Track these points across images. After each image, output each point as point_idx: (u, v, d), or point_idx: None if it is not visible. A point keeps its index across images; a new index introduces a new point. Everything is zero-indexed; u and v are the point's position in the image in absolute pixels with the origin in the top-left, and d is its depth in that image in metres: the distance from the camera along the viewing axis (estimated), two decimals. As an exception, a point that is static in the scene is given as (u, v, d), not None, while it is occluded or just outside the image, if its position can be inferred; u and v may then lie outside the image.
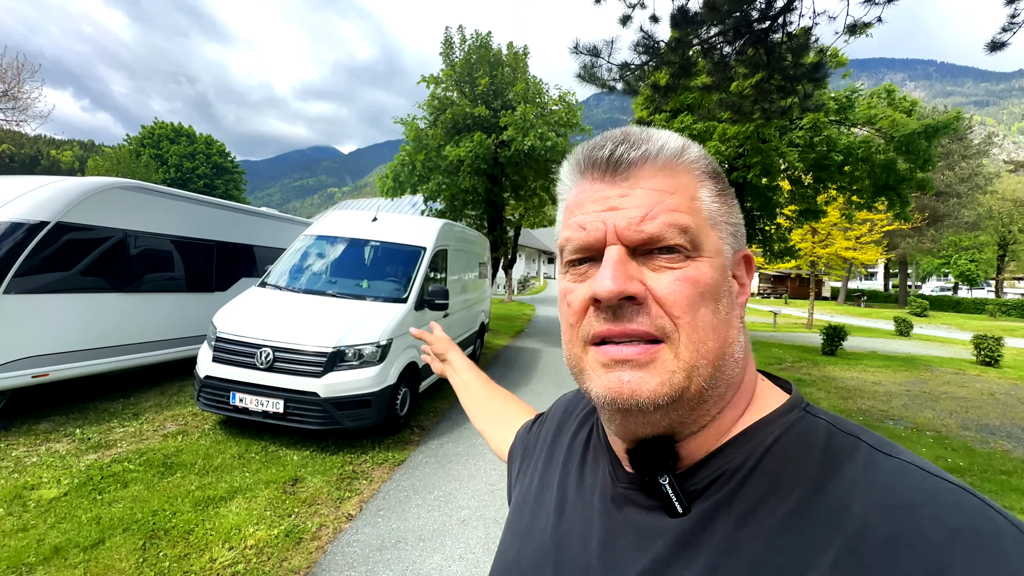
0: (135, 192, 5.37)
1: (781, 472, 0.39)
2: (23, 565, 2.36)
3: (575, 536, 0.48)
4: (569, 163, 0.46)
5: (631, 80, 5.70)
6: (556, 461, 0.59)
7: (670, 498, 0.42)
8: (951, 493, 0.34)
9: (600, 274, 0.40)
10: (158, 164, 39.36)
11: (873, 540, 0.32)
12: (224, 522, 2.85)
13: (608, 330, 0.40)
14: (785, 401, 0.46)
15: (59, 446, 3.84)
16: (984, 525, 0.32)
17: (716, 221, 0.43)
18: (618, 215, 0.41)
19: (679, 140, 0.44)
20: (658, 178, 0.41)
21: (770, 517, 0.37)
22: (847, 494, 0.36)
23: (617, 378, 0.39)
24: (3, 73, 14.57)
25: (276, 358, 4.00)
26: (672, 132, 0.45)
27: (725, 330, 0.41)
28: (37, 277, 4.31)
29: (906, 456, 0.38)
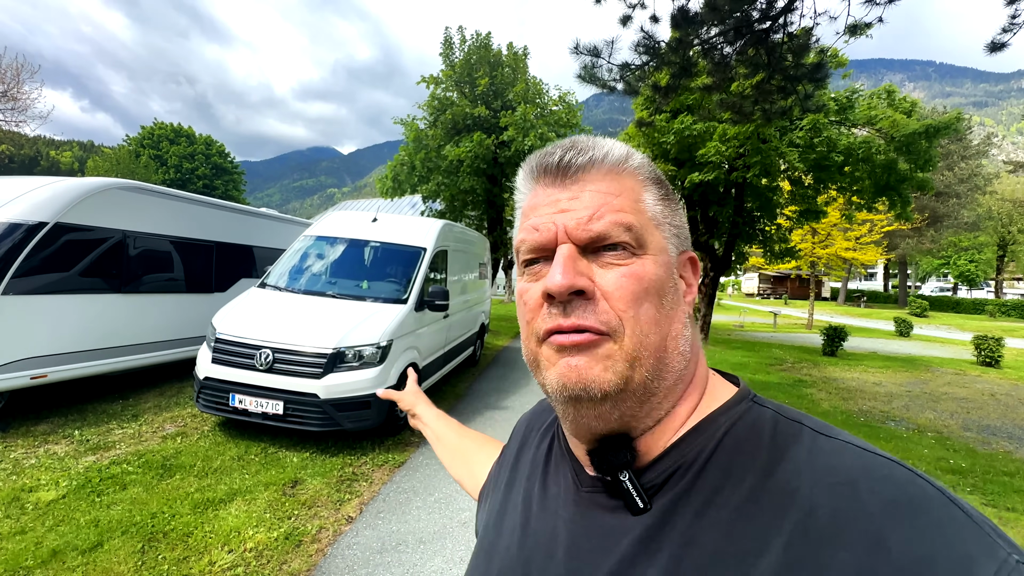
0: (134, 193, 5.35)
1: (733, 461, 0.41)
2: (21, 568, 2.34)
3: (541, 548, 0.48)
4: (523, 170, 0.49)
5: (631, 80, 5.69)
6: (520, 479, 0.59)
7: (631, 494, 0.43)
8: (884, 467, 0.37)
9: (552, 270, 0.42)
10: (158, 165, 39.33)
11: (820, 518, 0.35)
12: (223, 524, 2.83)
13: (558, 324, 0.42)
14: (734, 393, 0.48)
15: (58, 448, 3.82)
16: (914, 493, 0.35)
17: (660, 222, 0.46)
18: (568, 216, 0.44)
19: (624, 148, 0.48)
20: (604, 182, 0.45)
21: (726, 506, 0.39)
22: (794, 477, 0.38)
23: (566, 363, 0.42)
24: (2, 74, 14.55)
25: (276, 359, 3.98)
26: (617, 141, 0.49)
27: (668, 325, 0.44)
28: (36, 278, 4.30)
29: (844, 436, 0.41)
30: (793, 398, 6.59)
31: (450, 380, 6.55)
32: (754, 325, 18.90)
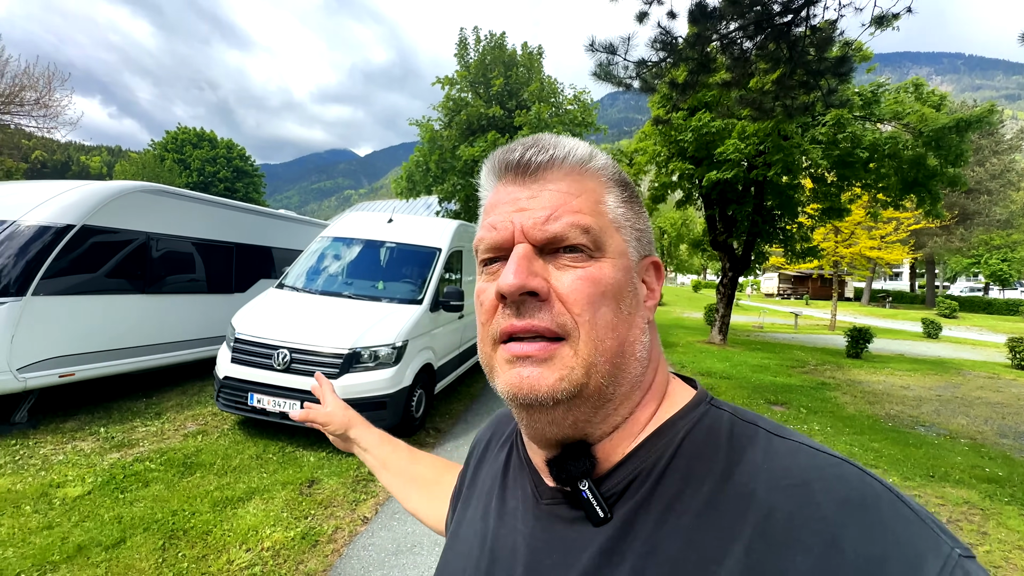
0: (157, 195, 5.48)
1: (692, 466, 0.41)
2: (47, 563, 2.40)
3: (500, 566, 0.47)
4: (486, 167, 0.48)
5: (648, 78, 5.60)
6: (477, 495, 0.58)
7: (591, 504, 0.42)
8: (835, 467, 0.38)
9: (505, 270, 0.41)
10: (181, 168, 40.38)
11: (778, 521, 0.35)
12: (242, 523, 2.86)
13: (511, 325, 0.41)
14: (692, 397, 0.47)
15: (84, 444, 3.92)
16: (865, 492, 0.36)
17: (621, 225, 0.45)
18: (526, 215, 0.43)
19: (587, 148, 0.47)
20: (565, 182, 0.44)
21: (686, 512, 0.38)
22: (752, 479, 0.38)
23: (517, 374, 0.41)
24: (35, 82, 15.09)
25: (293, 359, 4.02)
26: (581, 141, 0.47)
27: (626, 330, 0.43)
28: (64, 279, 4.42)
29: (797, 437, 0.42)
30: (816, 401, 6.41)
31: (465, 381, 6.55)
32: (774, 326, 18.50)
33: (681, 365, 8.58)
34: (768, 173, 8.32)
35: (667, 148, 10.01)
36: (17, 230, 4.28)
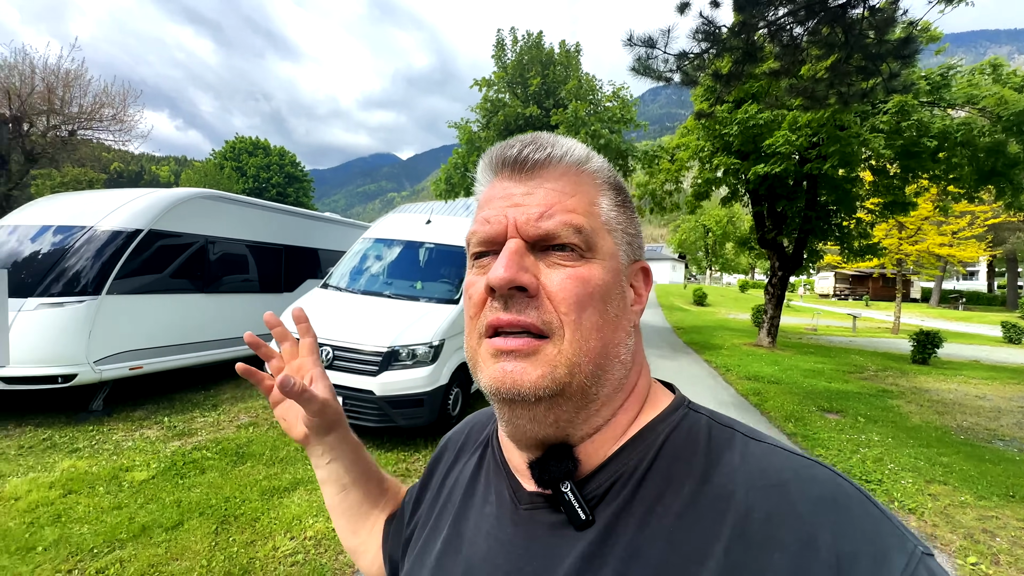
0: (215, 201, 5.85)
1: (672, 468, 0.41)
2: (116, 540, 2.61)
3: (477, 572, 0.46)
4: (483, 162, 0.48)
5: (689, 70, 5.42)
6: (450, 501, 0.55)
7: (573, 507, 0.42)
8: (809, 467, 0.39)
9: (496, 263, 0.42)
10: (239, 176, 42.94)
11: (756, 521, 0.36)
12: (287, 512, 3.00)
13: (498, 319, 0.41)
14: (671, 401, 0.48)
15: (150, 432, 4.24)
16: (837, 492, 0.37)
17: (613, 228, 0.45)
18: (519, 211, 0.43)
19: (584, 149, 0.47)
20: (561, 181, 0.44)
21: (667, 515, 0.39)
22: (729, 480, 0.39)
23: (501, 368, 0.41)
24: (112, 99, 16.46)
25: (336, 356, 4.17)
26: (579, 142, 0.48)
27: (611, 332, 0.43)
28: (133, 279, 4.80)
29: (771, 440, 0.43)
30: (876, 410, 5.97)
31: (501, 380, 6.57)
32: (829, 328, 17.41)
33: (726, 368, 8.24)
34: (823, 166, 7.82)
35: (711, 143, 9.64)
36: (94, 235, 4.70)
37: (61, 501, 2.99)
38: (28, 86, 13.96)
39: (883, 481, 3.87)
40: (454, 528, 0.52)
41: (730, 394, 6.66)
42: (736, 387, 7.02)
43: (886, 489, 3.75)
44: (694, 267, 52.76)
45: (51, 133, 15.03)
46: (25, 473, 3.34)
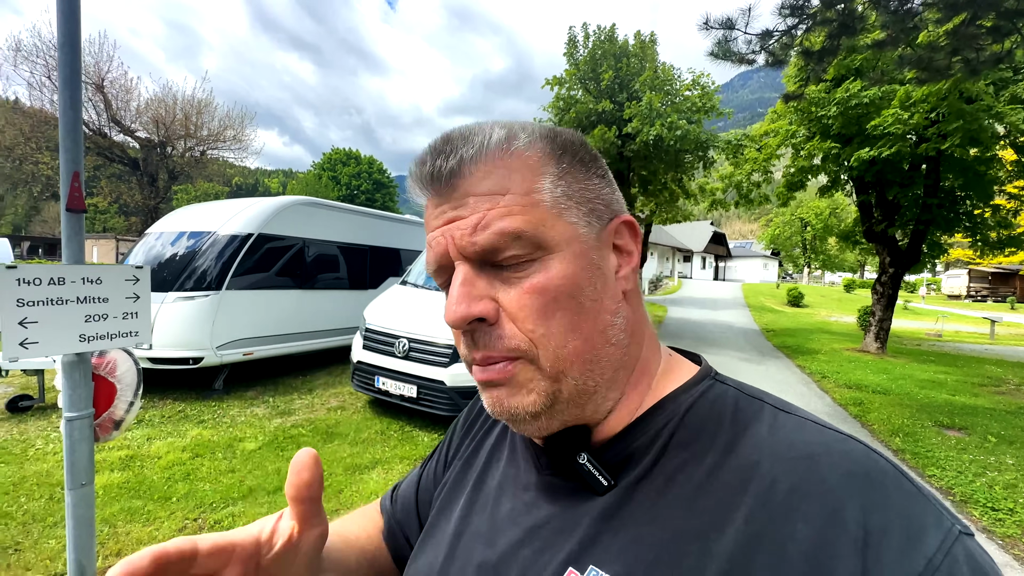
0: (311, 207, 6.52)
1: (696, 439, 0.40)
2: (230, 498, 3.05)
3: (501, 531, 0.46)
4: (409, 182, 0.44)
5: (775, 49, 5.02)
6: (476, 464, 0.56)
7: (593, 474, 0.42)
8: (842, 443, 0.37)
9: (448, 299, 0.40)
10: (334, 184, 47.04)
11: (780, 492, 0.35)
12: (366, 487, 3.30)
13: (473, 356, 0.41)
14: (696, 372, 0.46)
15: (258, 410, 4.86)
16: (871, 467, 0.35)
17: (564, 207, 0.40)
18: (455, 227, 0.40)
19: (503, 130, 0.41)
20: (487, 180, 0.39)
21: (688, 483, 0.38)
22: (755, 452, 0.38)
23: (491, 396, 0.41)
24: (233, 122, 18.91)
25: (411, 348, 4.47)
26: (496, 123, 0.42)
27: (592, 322, 0.40)
28: (246, 277, 5.53)
29: (803, 413, 0.41)
30: (1014, 429, 5.07)
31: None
32: (958, 334, 14.99)
33: (821, 375, 7.47)
34: (942, 145, 6.78)
35: (805, 127, 8.78)
36: (216, 238, 5.48)
37: (190, 462, 3.55)
38: (171, 115, 16.51)
39: (1015, 511, 3.31)
40: (477, 487, 0.52)
41: (825, 403, 6.05)
42: (833, 395, 6.35)
43: (1018, 520, 3.20)
44: (790, 265, 48.11)
45: (187, 154, 17.64)
46: (165, 438, 4.01)
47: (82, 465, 2.05)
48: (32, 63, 13.59)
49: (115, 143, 15.89)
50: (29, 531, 2.58)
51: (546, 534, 0.43)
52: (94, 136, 14.93)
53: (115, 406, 2.28)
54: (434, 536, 0.52)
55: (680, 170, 10.89)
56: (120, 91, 15.24)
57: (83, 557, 2.11)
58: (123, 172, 17.55)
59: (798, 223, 39.36)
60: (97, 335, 2.03)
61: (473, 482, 0.53)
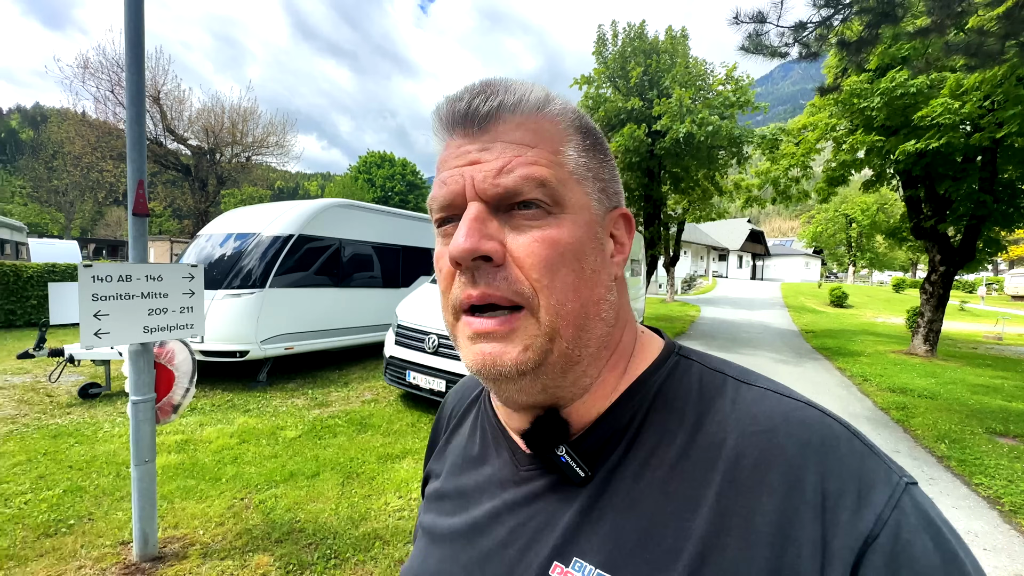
0: (347, 208, 6.81)
1: (666, 419, 0.42)
2: (272, 481, 3.28)
3: (483, 531, 0.46)
4: (434, 120, 0.44)
5: (809, 42, 4.88)
6: (454, 463, 0.56)
7: (571, 466, 0.42)
8: (799, 411, 0.39)
9: (456, 233, 0.39)
10: (369, 186, 48.37)
11: (745, 467, 0.37)
12: (397, 475, 3.46)
13: (468, 295, 0.40)
14: (661, 350, 0.47)
15: (298, 401, 5.15)
16: (825, 433, 0.37)
17: (583, 176, 0.42)
18: (476, 169, 0.40)
19: (542, 91, 0.42)
20: (519, 131, 0.40)
21: (661, 466, 0.39)
22: (721, 428, 0.39)
23: (480, 350, 0.40)
24: (276, 128, 19.80)
25: (440, 344, 4.63)
26: (538, 84, 0.43)
27: (589, 290, 0.41)
28: (287, 276, 5.85)
29: (763, 383, 0.42)
30: (1077, 438, 4.73)
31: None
32: (1022, 337, 13.94)
33: (863, 378, 7.17)
34: (996, 134, 6.37)
35: (847, 119, 8.42)
36: (260, 239, 5.82)
37: (237, 447, 3.82)
38: (219, 123, 17.46)
39: (1070, 522, 3.12)
40: (457, 490, 0.52)
41: (865, 407, 5.82)
42: (874, 399, 6.10)
43: (1073, 532, 3.02)
44: (833, 263, 45.85)
45: (234, 160, 18.61)
46: (215, 424, 4.32)
47: (145, 444, 2.29)
48: (98, 79, 14.70)
49: (169, 151, 16.97)
50: (100, 503, 2.87)
51: (529, 531, 0.43)
52: (151, 145, 16.01)
53: (173, 392, 2.51)
54: (420, 541, 0.53)
55: (713, 167, 10.64)
56: (174, 102, 16.26)
57: (147, 527, 2.34)
58: (176, 178, 18.71)
59: (842, 220, 37.46)
60: (158, 327, 2.26)
61: (453, 484, 0.53)
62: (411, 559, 0.52)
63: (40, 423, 4.15)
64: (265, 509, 2.90)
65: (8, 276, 8.99)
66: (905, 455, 4.27)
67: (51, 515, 2.71)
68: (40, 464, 3.36)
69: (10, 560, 2.31)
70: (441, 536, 0.50)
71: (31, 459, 3.43)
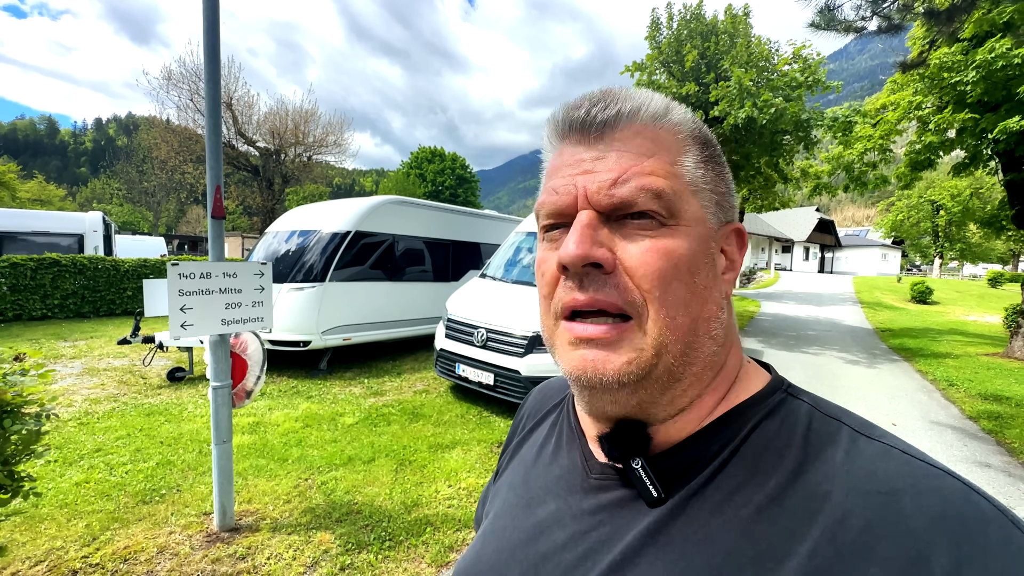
0: (399, 205, 7.05)
1: (760, 458, 0.38)
2: (332, 464, 3.50)
3: (546, 536, 0.45)
4: (548, 126, 0.44)
5: (891, 13, 4.44)
6: (526, 458, 0.56)
7: (644, 482, 0.40)
8: (935, 478, 0.33)
9: (567, 239, 0.38)
10: (420, 181, 49.66)
11: (852, 528, 0.31)
12: (447, 465, 3.58)
13: (574, 300, 0.39)
14: (767, 384, 0.43)
15: (356, 390, 5.43)
16: (968, 510, 0.31)
17: (699, 188, 0.41)
18: (590, 178, 0.39)
19: (663, 101, 0.41)
20: (636, 140, 0.39)
21: (747, 505, 0.36)
22: (827, 480, 0.34)
23: (582, 356, 0.39)
24: (334, 128, 20.76)
25: (489, 338, 4.71)
26: (657, 93, 0.42)
27: (700, 306, 0.39)
28: (345, 270, 6.16)
29: (889, 440, 0.37)
30: None
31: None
32: None
33: (948, 382, 6.51)
34: None
35: (935, 96, 7.60)
36: (320, 236, 6.16)
37: (302, 431, 4.10)
38: (284, 126, 18.56)
39: None
40: (525, 485, 0.52)
41: (950, 414, 5.29)
42: (961, 406, 5.53)
43: None
44: (916, 255, 41.69)
45: (297, 159, 19.73)
46: (282, 409, 4.66)
47: (224, 425, 2.51)
48: (179, 88, 16.08)
49: (240, 153, 18.28)
50: (186, 476, 3.19)
51: (590, 541, 0.41)
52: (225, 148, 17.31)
53: (246, 379, 2.73)
54: (483, 533, 0.53)
55: (776, 153, 9.95)
56: (244, 107, 17.47)
57: (225, 500, 2.58)
58: (247, 178, 20.14)
59: (928, 207, 33.90)
60: (234, 320, 2.46)
61: (522, 478, 0.53)
62: (470, 548, 0.52)
63: (136, 402, 4.66)
64: (326, 490, 3.10)
65: (108, 271, 10.11)
66: (998, 470, 3.86)
67: (147, 484, 3.05)
68: (137, 438, 3.78)
69: (116, 522, 2.63)
70: (503, 529, 0.49)
71: (130, 434, 3.86)
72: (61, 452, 3.48)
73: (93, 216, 11.84)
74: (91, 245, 11.38)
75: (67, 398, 4.68)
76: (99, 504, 2.80)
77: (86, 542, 2.44)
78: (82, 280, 9.65)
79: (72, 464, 3.31)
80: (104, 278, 10.03)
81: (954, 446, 4.34)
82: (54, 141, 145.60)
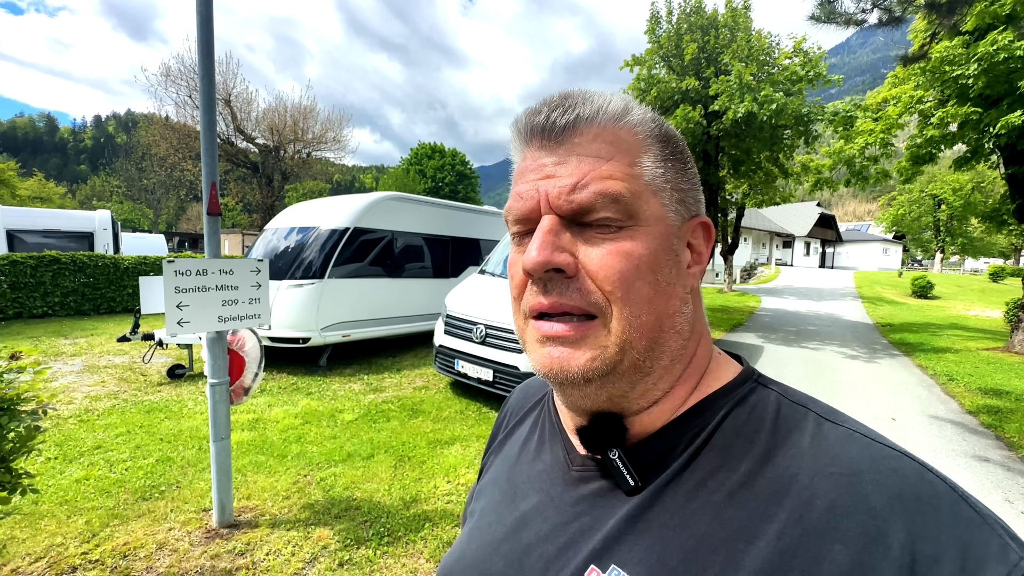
0: (398, 201, 7.03)
1: (731, 445, 0.39)
2: (331, 460, 3.50)
3: (526, 524, 0.47)
4: (512, 131, 0.45)
5: (891, 6, 4.41)
6: (509, 455, 0.58)
7: (621, 472, 0.42)
8: (893, 459, 0.35)
9: (529, 245, 0.40)
10: (420, 177, 49.55)
11: (817, 508, 0.34)
12: (446, 461, 3.59)
13: (539, 303, 0.40)
14: (738, 373, 0.45)
15: (355, 386, 5.44)
16: (923, 488, 0.33)
17: (659, 187, 0.41)
18: (551, 183, 0.40)
19: (621, 102, 0.42)
20: (595, 144, 0.40)
21: (719, 490, 0.37)
22: (794, 464, 0.36)
23: (548, 353, 0.40)
24: (333, 124, 20.70)
25: (488, 334, 4.70)
26: (616, 94, 0.43)
27: (664, 302, 0.40)
28: (344, 267, 6.15)
29: (852, 424, 0.39)
30: None
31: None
32: None
33: (948, 377, 6.51)
34: None
35: (936, 90, 7.55)
36: (319, 232, 6.15)
37: (301, 427, 4.11)
38: (283, 122, 18.52)
39: None
40: (509, 482, 0.53)
41: (949, 409, 5.29)
42: (961, 401, 5.53)
43: None
44: (917, 250, 41.58)
45: (296, 156, 19.69)
46: (281, 405, 4.67)
47: (222, 422, 2.52)
48: (177, 85, 16.04)
49: (239, 150, 18.25)
50: (185, 473, 3.20)
51: (571, 531, 0.43)
52: (223, 145, 17.26)
53: (244, 376, 2.73)
54: (468, 530, 0.54)
55: (777, 148, 9.90)
56: (243, 104, 17.42)
57: (224, 497, 2.58)
58: (246, 175, 20.12)
59: (929, 201, 33.78)
60: (230, 316, 2.46)
61: (505, 475, 0.55)
62: (455, 545, 0.53)
63: (136, 399, 4.68)
64: (325, 486, 3.11)
65: (108, 268, 10.11)
66: (997, 465, 3.86)
67: (146, 481, 3.06)
68: (137, 435, 3.79)
69: (115, 518, 2.64)
70: (487, 525, 0.51)
71: (130, 431, 3.87)
72: (61, 449, 3.49)
73: (103, 214, 11.86)
74: (101, 243, 11.40)
75: (67, 395, 4.70)
76: (99, 501, 2.81)
77: (86, 538, 2.46)
78: (82, 278, 9.66)
79: (72, 461, 3.32)
80: (104, 275, 10.04)
81: (953, 440, 4.34)
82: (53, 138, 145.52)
